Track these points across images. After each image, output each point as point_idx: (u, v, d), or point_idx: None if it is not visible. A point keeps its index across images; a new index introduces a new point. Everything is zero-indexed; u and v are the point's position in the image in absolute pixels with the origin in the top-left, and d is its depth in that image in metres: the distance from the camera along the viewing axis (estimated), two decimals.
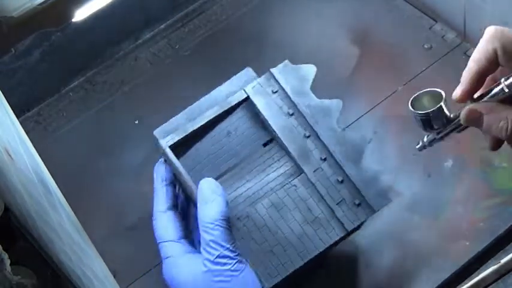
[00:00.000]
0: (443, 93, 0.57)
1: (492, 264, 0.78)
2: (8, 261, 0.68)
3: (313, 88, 0.78)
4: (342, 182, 0.74)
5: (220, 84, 0.79)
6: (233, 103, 0.76)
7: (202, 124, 0.75)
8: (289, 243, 0.72)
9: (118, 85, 0.99)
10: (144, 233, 0.76)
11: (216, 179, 0.74)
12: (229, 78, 0.78)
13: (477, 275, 0.78)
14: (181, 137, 0.74)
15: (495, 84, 0.54)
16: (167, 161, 0.75)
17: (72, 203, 0.71)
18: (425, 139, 0.62)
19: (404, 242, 0.82)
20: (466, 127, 0.57)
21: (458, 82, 0.56)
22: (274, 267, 0.72)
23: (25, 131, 0.68)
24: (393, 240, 0.82)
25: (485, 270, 0.78)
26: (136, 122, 0.94)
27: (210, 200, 0.69)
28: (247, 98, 0.76)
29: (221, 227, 0.68)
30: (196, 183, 0.73)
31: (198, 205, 0.70)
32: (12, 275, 0.68)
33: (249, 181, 0.75)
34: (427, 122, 0.58)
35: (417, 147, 0.63)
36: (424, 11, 1.02)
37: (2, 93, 0.66)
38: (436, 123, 0.57)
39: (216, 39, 1.02)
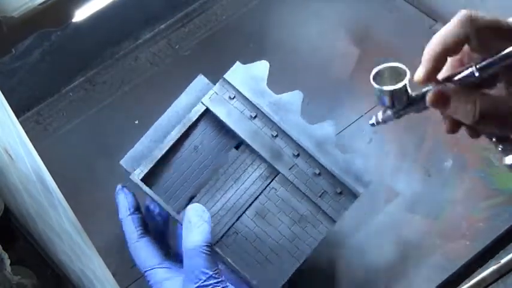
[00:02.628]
0: (407, 70, 0.55)
1: (492, 264, 0.78)
2: (8, 261, 0.68)
3: (313, 88, 0.78)
4: (319, 174, 0.74)
5: None
6: (194, 118, 0.74)
7: (169, 147, 0.74)
8: (281, 248, 0.72)
9: (118, 85, 0.99)
10: None
11: (193, 197, 0.74)
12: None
13: (477, 275, 0.78)
14: (152, 166, 0.73)
15: (464, 67, 0.52)
16: (131, 189, 0.75)
17: (71, 203, 0.71)
18: (380, 115, 0.59)
19: (405, 241, 0.82)
20: (426, 108, 0.55)
21: None
22: (272, 275, 0.72)
23: (25, 131, 0.68)
24: (393, 240, 0.82)
25: (485, 270, 0.78)
26: (136, 122, 0.94)
27: (196, 226, 0.68)
28: (207, 110, 0.75)
29: (204, 253, 0.67)
30: (176, 209, 0.73)
31: (184, 231, 0.69)
32: (12, 275, 0.68)
33: (227, 191, 0.74)
34: (389, 99, 0.56)
35: (370, 122, 0.61)
36: (424, 11, 1.02)
37: (2, 93, 0.66)
38: (397, 102, 0.56)
39: (216, 39, 1.02)
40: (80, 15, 0.74)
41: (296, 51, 0.97)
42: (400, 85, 0.54)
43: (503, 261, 0.78)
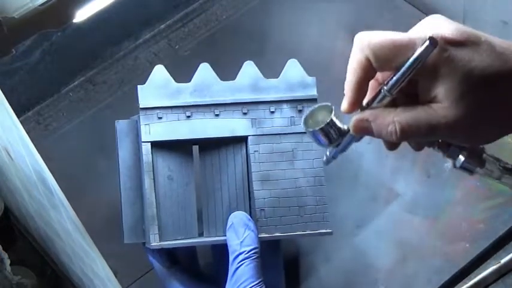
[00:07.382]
0: (332, 106, 0.56)
1: (492, 264, 0.78)
2: (8, 261, 0.68)
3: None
4: (274, 112, 0.74)
5: None
6: (150, 159, 0.73)
7: (152, 198, 0.73)
8: (303, 189, 0.73)
9: (118, 85, 0.99)
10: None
11: (200, 215, 0.74)
12: (227, 78, 0.78)
13: (477, 275, 0.78)
14: (156, 223, 0.72)
15: (377, 91, 0.53)
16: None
17: (72, 203, 0.71)
18: (328, 153, 0.60)
19: (404, 243, 0.82)
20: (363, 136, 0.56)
21: None
22: (314, 216, 0.73)
23: (25, 131, 0.68)
24: (393, 241, 0.82)
25: (485, 270, 0.78)
26: None
27: (243, 234, 0.69)
28: (154, 142, 0.74)
29: (252, 262, 0.67)
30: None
31: (231, 240, 0.69)
32: (12, 275, 0.69)
33: (223, 186, 0.74)
34: (322, 137, 0.56)
35: (323, 160, 0.61)
36: (424, 11, 1.02)
37: (3, 93, 0.66)
38: (330, 138, 0.56)
39: (216, 39, 1.02)
40: (81, 15, 0.74)
41: (296, 50, 0.96)
42: (325, 122, 0.55)
43: (503, 261, 0.78)
